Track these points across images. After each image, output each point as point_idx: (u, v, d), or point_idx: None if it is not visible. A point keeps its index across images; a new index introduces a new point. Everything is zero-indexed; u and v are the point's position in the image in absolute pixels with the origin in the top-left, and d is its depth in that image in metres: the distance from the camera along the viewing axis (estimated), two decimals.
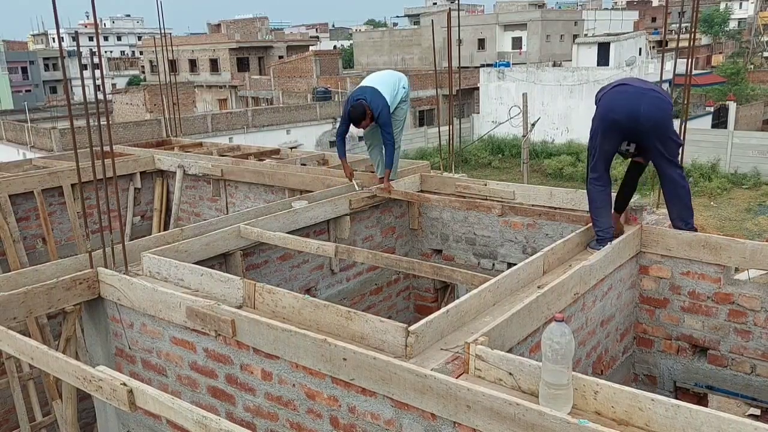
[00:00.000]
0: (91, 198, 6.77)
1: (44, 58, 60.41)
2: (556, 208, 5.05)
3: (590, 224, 4.27)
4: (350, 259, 4.72)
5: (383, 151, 5.79)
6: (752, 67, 46.31)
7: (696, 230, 4.25)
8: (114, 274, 3.80)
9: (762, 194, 24.09)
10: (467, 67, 40.05)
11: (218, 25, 55.44)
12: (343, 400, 2.99)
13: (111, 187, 5.90)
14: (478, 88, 35.43)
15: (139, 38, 69.92)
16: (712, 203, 23.53)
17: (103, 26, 76.28)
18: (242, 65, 45.12)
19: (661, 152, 4.08)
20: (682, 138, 4.45)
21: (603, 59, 34.36)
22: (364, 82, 5.68)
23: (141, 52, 60.85)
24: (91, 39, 51.95)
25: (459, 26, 8.10)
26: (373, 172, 5.99)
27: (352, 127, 5.66)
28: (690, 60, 4.71)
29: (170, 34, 10.26)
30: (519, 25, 48.29)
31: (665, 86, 5.04)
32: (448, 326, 3.07)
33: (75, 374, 2.86)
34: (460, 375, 2.71)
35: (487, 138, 30.24)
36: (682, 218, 4.25)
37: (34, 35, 77.66)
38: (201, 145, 8.93)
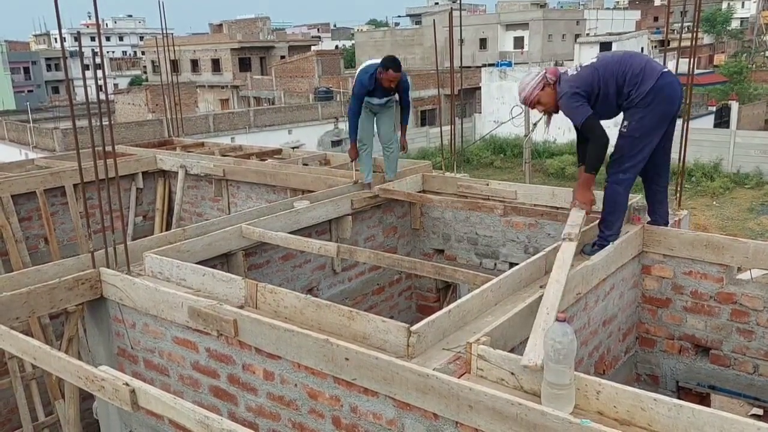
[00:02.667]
0: (94, 198, 6.78)
1: (46, 59, 60.50)
2: (558, 208, 5.04)
3: (593, 225, 4.20)
4: (352, 259, 4.72)
5: (376, 154, 5.73)
6: (754, 66, 46.22)
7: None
8: (116, 274, 3.81)
9: (764, 194, 24.04)
10: (469, 67, 40.03)
11: (220, 26, 55.41)
12: (345, 400, 2.99)
13: (113, 187, 5.89)
14: (479, 88, 35.40)
15: (141, 38, 69.98)
16: (714, 203, 23.50)
17: (105, 26, 76.33)
18: (244, 65, 45.12)
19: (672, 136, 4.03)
20: (684, 138, 4.45)
21: None
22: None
23: (143, 53, 60.85)
24: (93, 39, 52.04)
25: (461, 26, 8.09)
26: (380, 172, 5.95)
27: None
28: (692, 59, 4.69)
29: (172, 34, 10.26)
30: (521, 24, 48.24)
31: None
32: (450, 326, 3.07)
33: (77, 374, 2.87)
34: (462, 375, 2.71)
35: (489, 138, 30.20)
36: (667, 213, 4.28)
37: (36, 35, 77.77)
38: (203, 145, 8.94)
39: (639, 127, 3.75)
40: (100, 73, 3.82)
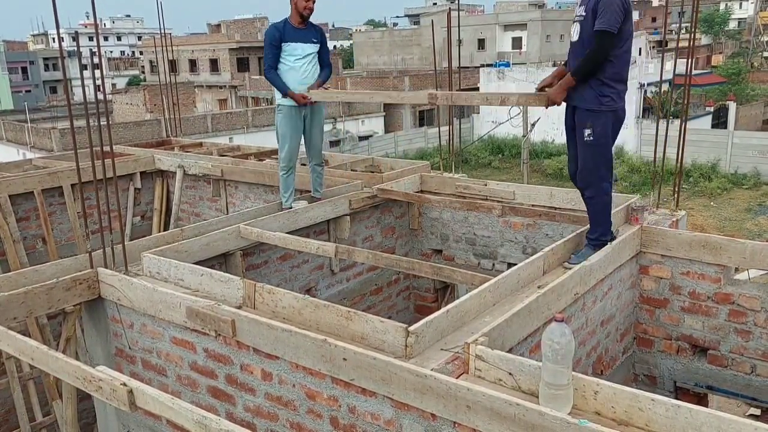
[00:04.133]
0: (91, 198, 6.76)
1: (44, 59, 60.45)
2: (556, 209, 5.05)
3: (582, 230, 4.12)
4: (350, 259, 4.72)
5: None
6: (752, 66, 46.31)
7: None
8: (114, 274, 3.81)
9: (762, 194, 24.11)
10: (467, 68, 40.02)
11: (218, 26, 55.42)
12: (343, 401, 2.99)
13: (111, 188, 5.89)
14: (478, 89, 35.38)
15: (139, 38, 69.93)
16: (712, 203, 23.55)
17: (103, 26, 76.22)
18: (242, 65, 45.09)
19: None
20: (682, 138, 4.44)
21: None
22: None
23: (141, 52, 60.86)
24: (91, 39, 51.90)
25: (459, 26, 8.10)
26: (372, 172, 5.95)
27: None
28: (690, 60, 4.71)
29: (170, 34, 10.26)
30: (519, 25, 48.27)
31: (665, 86, 4.90)
32: (448, 326, 3.07)
33: (75, 374, 2.86)
34: (460, 375, 2.71)
35: (487, 138, 30.23)
36: None
37: (34, 35, 77.71)
38: (201, 145, 8.93)
39: (604, 133, 3.74)
40: (98, 73, 3.81)
